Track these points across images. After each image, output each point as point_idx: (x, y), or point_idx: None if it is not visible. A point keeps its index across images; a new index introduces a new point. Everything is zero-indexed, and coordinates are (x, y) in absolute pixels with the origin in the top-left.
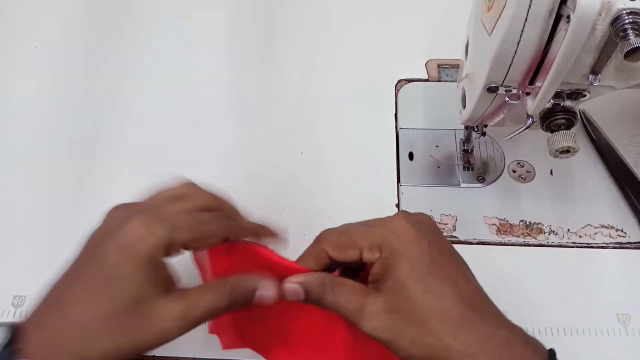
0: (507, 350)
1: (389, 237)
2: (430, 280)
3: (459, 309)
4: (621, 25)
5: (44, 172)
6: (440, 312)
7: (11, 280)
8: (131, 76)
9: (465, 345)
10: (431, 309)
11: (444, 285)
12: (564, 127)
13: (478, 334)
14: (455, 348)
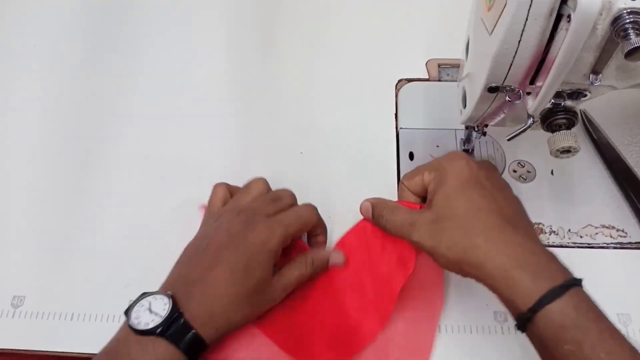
0: (530, 257)
1: (444, 162)
2: (472, 194)
3: (494, 218)
4: (622, 24)
5: (43, 171)
6: (476, 218)
7: (10, 280)
8: (131, 76)
9: (491, 245)
10: (469, 216)
11: (484, 199)
12: (565, 127)
13: (507, 239)
14: (483, 247)
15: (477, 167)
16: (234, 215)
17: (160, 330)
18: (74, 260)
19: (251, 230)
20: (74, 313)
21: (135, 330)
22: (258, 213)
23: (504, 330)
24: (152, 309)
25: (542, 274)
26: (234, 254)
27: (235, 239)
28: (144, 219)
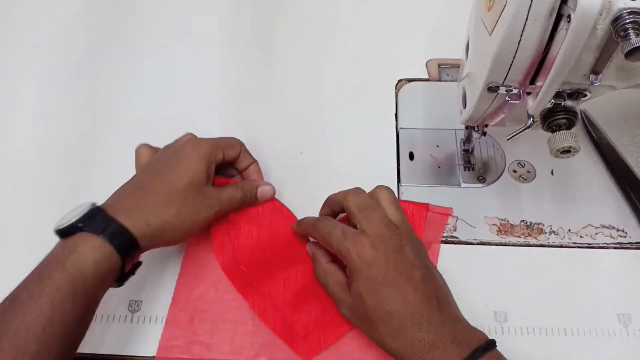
0: (430, 352)
1: (352, 256)
2: (380, 295)
3: (400, 318)
4: (622, 24)
5: (43, 171)
6: (385, 320)
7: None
8: (131, 76)
9: (398, 346)
10: (379, 316)
11: (392, 299)
12: (565, 127)
13: (410, 338)
14: (392, 347)
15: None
16: (162, 151)
17: (81, 224)
18: None
19: (180, 147)
20: None
21: (58, 233)
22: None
23: (504, 330)
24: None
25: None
26: (166, 160)
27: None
28: None
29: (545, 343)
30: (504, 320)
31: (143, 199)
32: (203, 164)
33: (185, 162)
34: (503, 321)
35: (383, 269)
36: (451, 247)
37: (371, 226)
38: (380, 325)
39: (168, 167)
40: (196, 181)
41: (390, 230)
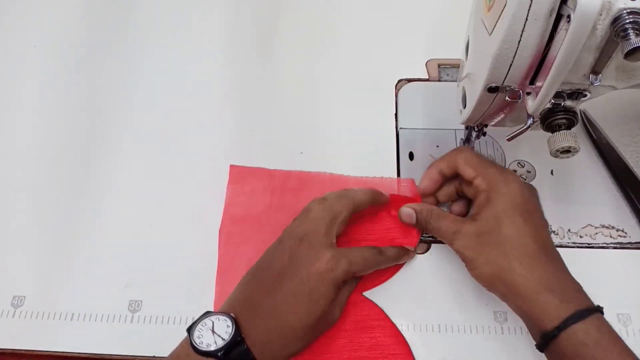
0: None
1: (499, 180)
2: (518, 220)
3: (533, 246)
4: (622, 25)
5: (43, 172)
6: (518, 243)
7: (11, 281)
8: (131, 76)
9: (526, 270)
10: (512, 239)
11: (528, 227)
12: (565, 127)
13: (541, 266)
14: (518, 270)
15: (528, 193)
16: (296, 241)
17: (222, 353)
18: (74, 260)
19: (315, 258)
20: (74, 313)
21: (196, 350)
22: (321, 239)
23: (503, 330)
24: (214, 330)
25: (568, 298)
26: (297, 284)
27: (298, 266)
28: (144, 219)
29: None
30: (504, 320)
31: (276, 331)
32: (335, 292)
33: (317, 293)
34: (503, 321)
35: (525, 198)
36: None
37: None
38: (512, 249)
39: (300, 294)
40: (327, 312)
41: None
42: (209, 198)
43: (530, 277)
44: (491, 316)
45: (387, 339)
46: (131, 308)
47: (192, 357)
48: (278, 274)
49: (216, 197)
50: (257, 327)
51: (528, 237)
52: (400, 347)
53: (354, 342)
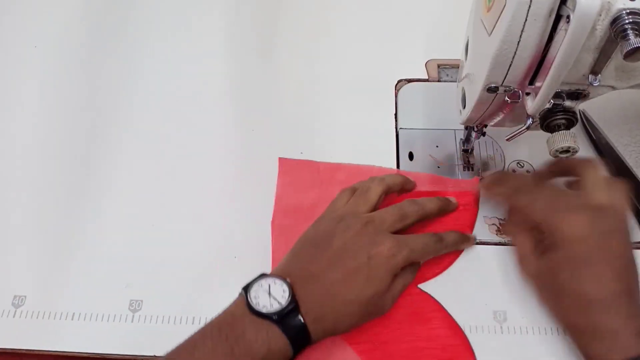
0: (611, 338)
1: (562, 225)
2: (578, 272)
3: (589, 299)
4: (621, 25)
5: (44, 172)
6: (573, 297)
7: (11, 280)
8: (131, 76)
9: (580, 324)
10: (569, 291)
11: (588, 279)
12: (564, 127)
13: (593, 320)
14: (573, 323)
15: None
16: (362, 224)
17: (277, 317)
18: (74, 260)
19: (379, 244)
20: (74, 313)
21: (252, 309)
22: (386, 229)
23: (503, 330)
24: (271, 293)
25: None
26: (358, 262)
27: (361, 248)
28: (144, 219)
29: (545, 343)
30: (504, 320)
31: (329, 304)
32: (391, 277)
33: (375, 275)
34: (502, 321)
35: (590, 248)
36: None
37: (576, 204)
38: (567, 300)
39: (358, 273)
40: (380, 294)
41: (597, 210)
42: (210, 198)
43: (585, 330)
44: (490, 315)
45: (444, 330)
46: (132, 308)
47: (247, 318)
48: (339, 251)
49: (216, 196)
50: (311, 297)
51: (583, 292)
52: (457, 338)
53: (411, 333)
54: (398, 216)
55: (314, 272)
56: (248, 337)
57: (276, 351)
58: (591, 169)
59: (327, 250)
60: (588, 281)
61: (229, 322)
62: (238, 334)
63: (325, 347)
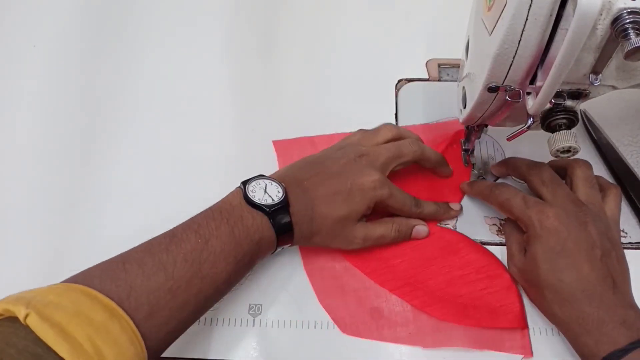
0: (597, 327)
1: (534, 223)
2: (556, 264)
3: (570, 290)
4: (622, 24)
5: (44, 171)
6: (555, 288)
7: (11, 280)
8: (131, 76)
9: (564, 315)
10: (550, 284)
11: (566, 270)
12: (565, 127)
13: (577, 310)
14: (558, 315)
15: (565, 234)
16: (357, 155)
17: (270, 210)
18: (74, 260)
19: (364, 175)
20: None
21: (248, 200)
22: (379, 165)
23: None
24: (267, 190)
25: (606, 339)
26: (341, 185)
27: (348, 174)
28: (144, 219)
29: (545, 343)
30: None
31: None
32: (366, 206)
33: (354, 197)
34: None
35: (563, 239)
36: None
37: (556, 200)
38: (549, 293)
39: (341, 191)
40: (352, 217)
41: (576, 206)
42: (210, 198)
43: (570, 321)
44: None
45: (473, 255)
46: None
47: (243, 206)
48: (330, 173)
49: (216, 196)
50: (298, 204)
51: (566, 281)
52: (486, 258)
53: (446, 265)
54: (393, 153)
55: (304, 186)
56: (245, 223)
57: (266, 240)
58: (578, 168)
59: (319, 168)
60: (566, 272)
61: (227, 209)
62: (237, 218)
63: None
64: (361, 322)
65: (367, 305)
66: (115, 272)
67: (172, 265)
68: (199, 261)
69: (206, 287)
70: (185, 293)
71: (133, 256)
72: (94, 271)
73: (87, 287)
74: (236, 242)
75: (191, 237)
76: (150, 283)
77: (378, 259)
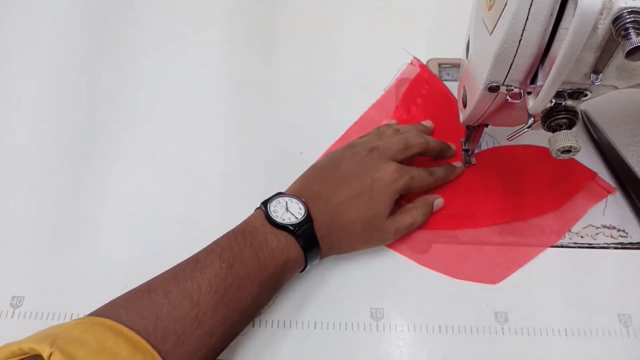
0: None
1: None
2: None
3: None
4: (622, 24)
5: (43, 171)
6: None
7: (10, 281)
8: (130, 75)
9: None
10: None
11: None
12: (565, 127)
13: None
14: None
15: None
16: (367, 150)
17: (295, 229)
18: (73, 260)
19: (381, 169)
20: (73, 313)
21: (271, 221)
22: (389, 156)
23: (504, 330)
24: (288, 208)
25: None
26: (361, 185)
27: (365, 172)
28: (144, 219)
29: (546, 343)
30: (505, 321)
31: (336, 223)
32: (391, 201)
33: (377, 196)
34: (504, 322)
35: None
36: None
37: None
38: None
39: (362, 193)
40: (381, 216)
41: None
42: (209, 198)
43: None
44: (492, 317)
45: None
46: None
47: (267, 227)
48: (345, 174)
49: (216, 197)
50: (321, 216)
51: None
52: None
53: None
54: (402, 145)
55: (323, 194)
56: (270, 245)
57: (293, 260)
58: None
59: (335, 173)
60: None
61: (250, 231)
62: (261, 240)
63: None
64: None
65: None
66: (142, 303)
67: (197, 293)
68: (224, 286)
69: (231, 312)
70: (211, 320)
71: (159, 284)
72: (120, 302)
73: (114, 320)
74: (261, 266)
75: (215, 261)
76: (176, 312)
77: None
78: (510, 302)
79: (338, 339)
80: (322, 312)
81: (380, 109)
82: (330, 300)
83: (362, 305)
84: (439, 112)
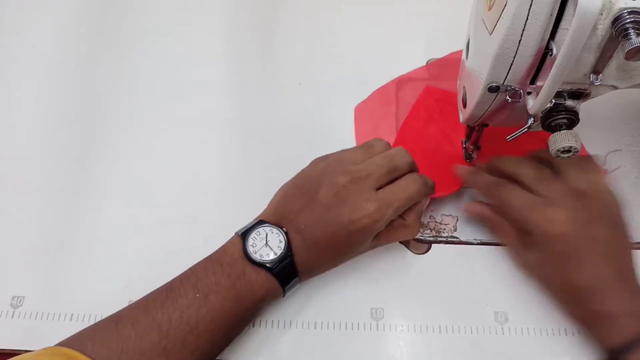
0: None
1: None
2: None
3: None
4: (622, 24)
5: (42, 172)
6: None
7: (10, 281)
8: (130, 76)
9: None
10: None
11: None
12: (565, 127)
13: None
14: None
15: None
16: (347, 180)
17: (273, 267)
18: (73, 260)
19: (358, 210)
20: (73, 313)
21: (249, 258)
22: (371, 185)
23: (504, 330)
24: (268, 242)
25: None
26: (338, 224)
27: (343, 209)
28: (143, 219)
29: (546, 343)
30: (505, 321)
31: (315, 256)
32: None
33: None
34: (504, 322)
35: (569, 244)
36: (451, 247)
37: (555, 197)
38: (561, 293)
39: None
40: (359, 250)
41: (577, 199)
42: (209, 198)
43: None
44: (492, 317)
45: None
46: None
47: (244, 263)
48: (324, 207)
49: (216, 197)
50: (300, 251)
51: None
52: None
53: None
54: (387, 169)
55: (300, 228)
56: (248, 278)
57: (271, 293)
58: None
59: (314, 200)
60: (573, 272)
61: (228, 262)
62: (239, 273)
63: None
64: None
65: None
66: (109, 333)
67: (167, 324)
68: (196, 318)
69: (202, 343)
70: (180, 352)
71: (127, 315)
72: (88, 332)
73: (78, 351)
74: (238, 298)
75: (189, 291)
76: (143, 343)
77: None
78: (510, 302)
79: (338, 339)
80: (322, 312)
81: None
82: (331, 301)
83: (362, 305)
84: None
